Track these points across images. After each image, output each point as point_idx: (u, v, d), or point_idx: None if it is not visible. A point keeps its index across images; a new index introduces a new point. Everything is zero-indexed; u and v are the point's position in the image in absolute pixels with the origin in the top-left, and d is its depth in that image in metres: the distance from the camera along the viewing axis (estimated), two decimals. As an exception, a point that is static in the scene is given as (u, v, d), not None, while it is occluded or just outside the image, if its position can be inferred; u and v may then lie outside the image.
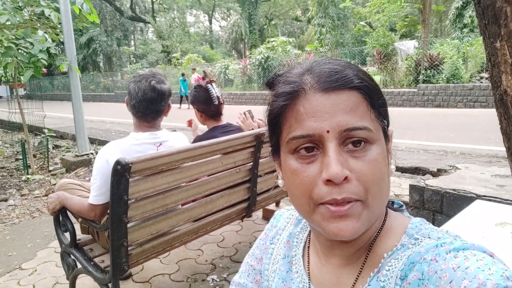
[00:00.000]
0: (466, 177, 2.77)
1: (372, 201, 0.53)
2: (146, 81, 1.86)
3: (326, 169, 0.51)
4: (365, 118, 0.53)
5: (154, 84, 1.85)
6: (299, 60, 11.83)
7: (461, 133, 6.43)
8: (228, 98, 15.94)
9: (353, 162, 0.52)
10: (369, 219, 0.54)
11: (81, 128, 5.62)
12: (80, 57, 29.77)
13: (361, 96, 0.54)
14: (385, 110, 0.58)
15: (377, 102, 0.56)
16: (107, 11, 31.20)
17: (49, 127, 8.02)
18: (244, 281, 0.80)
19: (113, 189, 1.53)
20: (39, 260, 2.77)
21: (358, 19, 22.24)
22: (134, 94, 1.85)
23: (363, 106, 0.54)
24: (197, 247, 2.80)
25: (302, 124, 0.53)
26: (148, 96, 1.85)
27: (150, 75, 1.88)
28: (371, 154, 0.53)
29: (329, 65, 0.55)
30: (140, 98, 1.85)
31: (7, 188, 4.77)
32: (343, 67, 0.55)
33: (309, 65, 0.57)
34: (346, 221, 0.52)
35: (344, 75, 0.53)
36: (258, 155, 2.20)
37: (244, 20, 31.55)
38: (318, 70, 0.55)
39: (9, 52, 4.44)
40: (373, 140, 0.53)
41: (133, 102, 1.86)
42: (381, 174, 0.54)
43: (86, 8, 5.02)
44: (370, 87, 0.55)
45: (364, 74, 0.56)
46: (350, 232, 0.52)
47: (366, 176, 0.52)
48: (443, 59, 11.47)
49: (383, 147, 0.56)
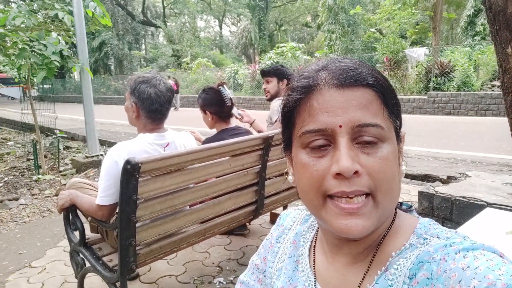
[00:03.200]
0: (477, 184, 2.74)
1: (382, 199, 0.53)
2: (163, 83, 1.87)
3: (336, 163, 0.52)
4: (378, 116, 0.54)
5: (167, 84, 1.88)
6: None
7: (472, 141, 6.35)
8: (237, 103, 15.93)
9: (364, 158, 0.52)
10: (379, 218, 0.54)
11: (92, 130, 5.69)
12: (92, 60, 30.14)
13: (375, 94, 0.54)
14: (398, 110, 0.59)
15: (390, 101, 0.56)
16: (119, 15, 31.58)
17: (60, 128, 8.13)
18: (247, 279, 0.81)
19: (122, 188, 1.54)
20: (48, 259, 2.81)
21: (369, 26, 22.17)
22: (156, 98, 1.83)
23: (376, 104, 0.54)
24: (204, 250, 2.81)
25: (315, 118, 0.54)
26: (167, 98, 1.87)
27: (155, 77, 1.88)
28: (382, 151, 0.53)
29: (344, 63, 0.56)
30: (163, 100, 1.85)
31: (18, 187, 4.84)
32: (358, 65, 0.56)
33: (325, 63, 0.58)
34: (356, 219, 0.52)
35: (358, 73, 0.54)
36: (266, 158, 2.20)
37: (254, 26, 31.67)
38: (334, 67, 0.56)
39: (23, 54, 4.52)
40: (385, 138, 0.54)
41: (155, 107, 1.84)
42: (392, 173, 0.54)
43: (99, 12, 5.09)
44: (384, 86, 0.56)
45: (378, 73, 0.57)
46: (359, 231, 0.52)
47: (376, 173, 0.52)
48: (454, 66, 11.37)
49: (395, 147, 0.56)
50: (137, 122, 1.92)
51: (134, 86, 1.86)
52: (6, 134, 10.54)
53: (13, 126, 11.86)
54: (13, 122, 11.96)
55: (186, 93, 19.56)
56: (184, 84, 20.35)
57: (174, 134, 1.99)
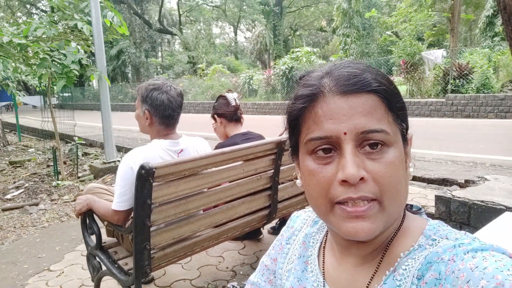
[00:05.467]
0: (495, 188, 2.67)
1: (388, 203, 0.53)
2: (174, 88, 1.90)
3: (342, 170, 0.52)
4: (383, 121, 0.54)
5: (178, 90, 1.91)
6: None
7: (492, 144, 6.20)
8: (252, 108, 16.03)
9: (370, 164, 0.53)
10: (385, 221, 0.54)
11: (109, 137, 5.79)
12: (110, 68, 30.81)
13: (379, 99, 0.55)
14: (404, 114, 0.59)
15: (395, 105, 0.56)
16: (136, 24, 32.23)
17: (79, 135, 8.32)
18: (258, 280, 0.82)
19: (137, 193, 1.57)
20: (66, 263, 2.87)
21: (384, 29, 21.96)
22: (169, 104, 1.86)
23: (381, 109, 0.54)
24: (219, 254, 2.82)
25: (320, 126, 0.55)
26: (179, 103, 1.91)
27: (166, 83, 1.91)
28: (388, 156, 0.53)
29: (348, 69, 0.57)
30: (175, 106, 1.89)
31: (38, 193, 4.97)
32: (362, 70, 0.56)
33: (329, 69, 0.59)
34: (362, 222, 0.53)
35: (362, 79, 0.54)
36: (279, 162, 2.20)
37: (268, 31, 31.82)
38: (337, 74, 0.56)
39: (44, 63, 4.67)
40: (390, 143, 0.54)
41: (168, 112, 1.87)
42: (398, 177, 0.54)
43: (116, 21, 5.22)
44: (388, 91, 0.56)
45: (383, 77, 0.57)
46: (366, 233, 0.53)
47: (382, 178, 0.52)
48: (472, 68, 11.14)
49: (401, 150, 0.56)
50: (150, 129, 1.95)
51: (146, 93, 1.88)
52: (27, 142, 10.85)
53: (34, 133, 12.19)
54: (34, 129, 12.29)
55: (201, 99, 19.73)
56: (199, 91, 20.55)
57: (188, 141, 2.01)
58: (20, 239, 3.46)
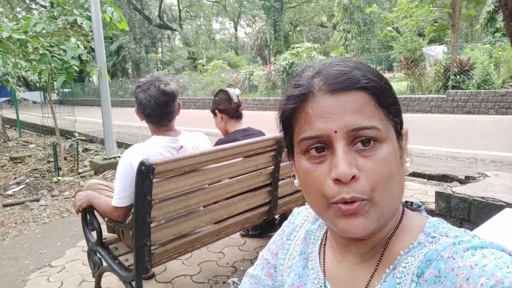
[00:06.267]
0: (496, 184, 2.68)
1: (380, 199, 0.53)
2: (154, 86, 1.87)
3: (334, 169, 0.53)
4: (373, 118, 0.54)
5: (163, 88, 1.87)
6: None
7: (493, 140, 6.19)
8: (252, 104, 16.01)
9: (362, 161, 0.53)
10: (378, 216, 0.54)
11: (109, 132, 5.80)
12: (110, 64, 30.75)
13: (368, 96, 0.55)
14: (396, 109, 0.58)
15: (386, 101, 0.56)
16: (136, 19, 32.10)
17: (79, 131, 8.31)
18: (258, 273, 0.82)
19: (137, 189, 1.57)
20: (67, 258, 2.88)
21: (385, 24, 21.89)
22: (146, 103, 1.86)
23: (371, 105, 0.54)
24: (219, 250, 2.83)
25: (311, 126, 0.55)
26: (161, 101, 1.86)
27: (155, 80, 1.90)
28: (380, 153, 0.54)
29: (337, 67, 0.57)
30: (154, 105, 1.86)
31: (39, 189, 4.98)
32: (351, 68, 0.56)
33: (318, 68, 0.59)
34: (356, 219, 0.53)
35: (351, 76, 0.55)
36: (279, 159, 2.20)
37: (269, 27, 31.72)
38: (326, 73, 0.57)
39: (44, 59, 4.65)
40: (382, 139, 0.54)
41: (148, 111, 1.87)
42: (390, 173, 0.54)
43: (116, 17, 5.19)
44: (377, 87, 0.56)
45: (373, 74, 0.57)
46: (361, 230, 0.53)
47: (374, 175, 0.53)
48: (473, 64, 11.10)
49: (394, 146, 0.56)
50: (148, 125, 1.99)
51: (135, 91, 1.94)
52: (28, 137, 10.85)
53: (35, 129, 12.20)
54: (34, 125, 12.29)
55: (202, 95, 19.70)
56: (200, 86, 20.51)
57: (187, 137, 2.01)
58: (21, 235, 3.47)
